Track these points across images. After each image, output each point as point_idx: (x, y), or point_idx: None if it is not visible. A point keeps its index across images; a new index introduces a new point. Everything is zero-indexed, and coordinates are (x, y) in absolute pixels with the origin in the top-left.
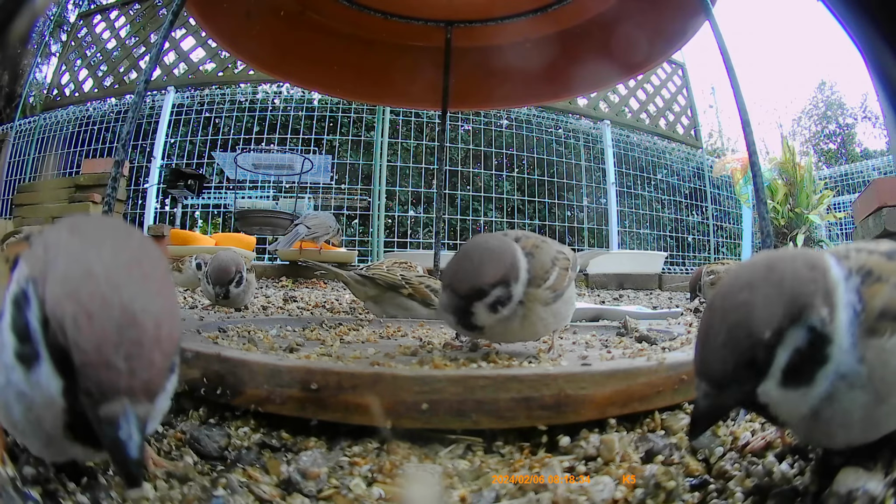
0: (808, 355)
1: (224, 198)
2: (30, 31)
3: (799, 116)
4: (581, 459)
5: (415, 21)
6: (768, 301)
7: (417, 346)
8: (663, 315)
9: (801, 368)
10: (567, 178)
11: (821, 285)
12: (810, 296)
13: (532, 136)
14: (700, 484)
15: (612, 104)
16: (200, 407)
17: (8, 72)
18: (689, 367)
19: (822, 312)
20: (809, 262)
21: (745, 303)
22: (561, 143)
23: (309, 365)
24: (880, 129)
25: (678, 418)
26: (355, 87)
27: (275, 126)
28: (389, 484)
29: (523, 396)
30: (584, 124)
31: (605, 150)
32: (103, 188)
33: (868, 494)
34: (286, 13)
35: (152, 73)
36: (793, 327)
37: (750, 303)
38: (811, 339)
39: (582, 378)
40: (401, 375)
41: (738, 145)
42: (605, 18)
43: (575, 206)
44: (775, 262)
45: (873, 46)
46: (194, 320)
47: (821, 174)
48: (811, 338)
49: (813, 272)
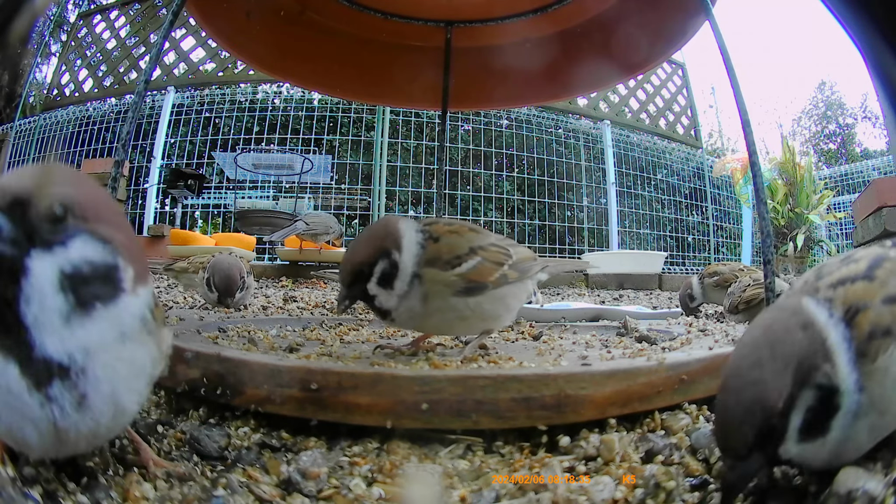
0: (820, 410)
1: (224, 198)
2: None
3: (799, 116)
4: (581, 459)
5: (415, 21)
6: (776, 374)
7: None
8: (663, 315)
9: (816, 423)
10: (567, 178)
11: (818, 343)
12: (812, 358)
13: (532, 136)
14: (700, 484)
15: (612, 104)
16: (200, 407)
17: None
18: (689, 367)
19: (826, 368)
20: (802, 321)
21: (755, 381)
22: (561, 143)
23: (309, 365)
24: (880, 129)
25: (678, 418)
26: (355, 87)
27: (275, 126)
28: (389, 484)
29: (523, 396)
30: (584, 124)
31: (605, 150)
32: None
33: (868, 495)
34: (286, 13)
35: (152, 73)
36: (803, 391)
37: (760, 380)
38: (820, 396)
39: (582, 378)
40: (401, 375)
41: (738, 145)
42: (605, 18)
43: (575, 206)
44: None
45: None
46: (194, 320)
47: (821, 174)
48: (820, 395)
49: (807, 331)
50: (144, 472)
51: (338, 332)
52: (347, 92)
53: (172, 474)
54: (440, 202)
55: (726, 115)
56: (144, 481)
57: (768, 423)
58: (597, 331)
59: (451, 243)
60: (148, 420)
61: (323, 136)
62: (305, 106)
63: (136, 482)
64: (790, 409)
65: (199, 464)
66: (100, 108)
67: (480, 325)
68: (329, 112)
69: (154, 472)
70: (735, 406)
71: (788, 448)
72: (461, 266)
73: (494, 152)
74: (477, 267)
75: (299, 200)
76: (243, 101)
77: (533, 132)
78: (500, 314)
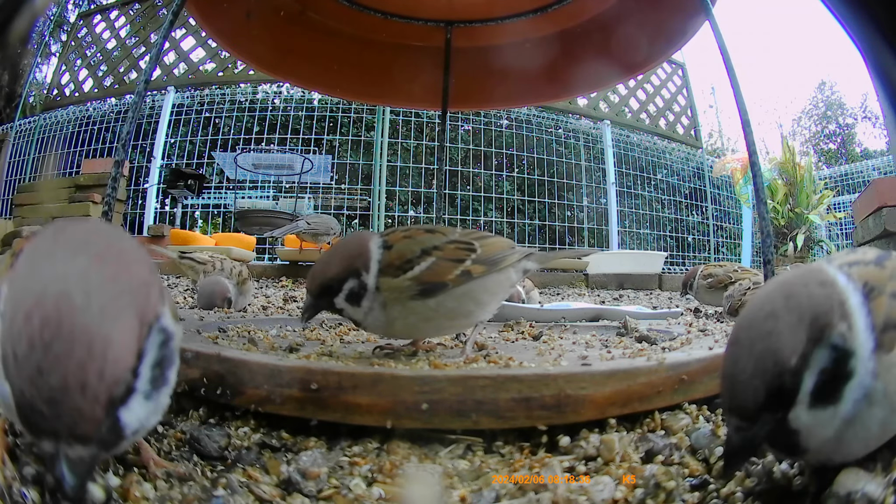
0: (833, 373)
1: (224, 198)
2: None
3: (799, 116)
4: (581, 459)
5: (415, 21)
6: (791, 328)
7: (418, 346)
8: (663, 315)
9: (828, 387)
10: (567, 178)
11: (836, 300)
12: (829, 314)
13: (532, 136)
14: (700, 484)
15: (612, 104)
16: (200, 407)
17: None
18: (689, 367)
19: (842, 328)
20: (820, 279)
21: (768, 332)
22: (561, 143)
23: (309, 365)
24: (880, 129)
25: (678, 418)
26: (355, 86)
27: (275, 126)
28: (389, 484)
29: (523, 396)
30: (584, 124)
31: (605, 150)
32: (103, 188)
33: (867, 496)
34: (286, 13)
35: (152, 73)
36: (817, 349)
37: (773, 332)
38: (835, 357)
39: (582, 378)
40: (401, 375)
41: (738, 145)
42: (605, 18)
43: (575, 206)
44: (790, 287)
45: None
46: (194, 320)
47: (821, 174)
48: (835, 356)
49: (825, 289)
50: (144, 472)
51: (338, 332)
52: (347, 92)
53: (172, 474)
54: (440, 202)
55: (726, 115)
56: (144, 481)
57: (780, 379)
58: (597, 331)
59: (401, 249)
60: None
61: (323, 136)
62: (305, 106)
63: (136, 482)
64: (803, 368)
65: (199, 464)
66: (100, 108)
67: (451, 324)
68: (329, 112)
69: (154, 472)
70: (746, 359)
71: (798, 414)
72: (413, 269)
73: (494, 152)
74: (431, 268)
75: (299, 200)
76: (243, 101)
77: (533, 132)
78: (470, 310)
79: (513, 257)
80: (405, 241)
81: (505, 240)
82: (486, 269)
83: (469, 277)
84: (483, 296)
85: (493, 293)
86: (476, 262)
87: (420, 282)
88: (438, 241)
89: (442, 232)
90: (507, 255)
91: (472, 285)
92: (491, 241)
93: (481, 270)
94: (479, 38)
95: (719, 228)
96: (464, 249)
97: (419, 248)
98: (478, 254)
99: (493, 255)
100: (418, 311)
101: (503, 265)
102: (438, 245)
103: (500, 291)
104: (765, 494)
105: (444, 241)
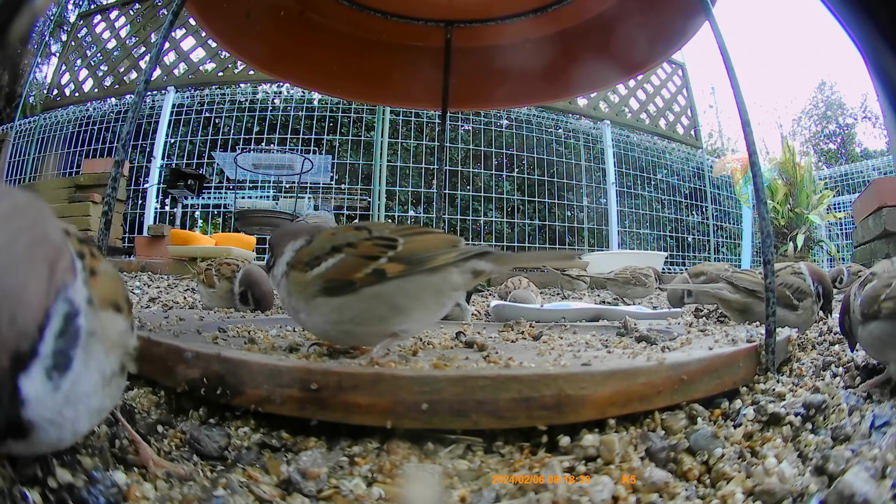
0: None
1: (224, 198)
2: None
3: (799, 116)
4: (581, 459)
5: (415, 21)
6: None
7: (418, 346)
8: (663, 315)
9: None
10: (567, 178)
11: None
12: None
13: (532, 136)
14: None
15: (612, 104)
16: (200, 407)
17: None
18: (689, 367)
19: None
20: None
21: None
22: (561, 143)
23: (309, 365)
24: (880, 129)
25: (678, 418)
26: (355, 87)
27: (275, 126)
28: (389, 484)
29: (523, 396)
30: (584, 124)
31: (605, 150)
32: (103, 188)
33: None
34: (286, 13)
35: (152, 73)
36: None
37: None
38: None
39: (582, 378)
40: (401, 375)
41: (738, 145)
42: (605, 18)
43: (575, 206)
44: None
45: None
46: (194, 320)
47: (821, 174)
48: None
49: None
50: (144, 472)
51: None
52: (347, 92)
53: (172, 474)
54: (440, 202)
55: (726, 115)
56: (144, 481)
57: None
58: (597, 331)
59: (315, 245)
60: (148, 420)
61: (323, 136)
62: (305, 106)
63: (136, 482)
64: None
65: (199, 464)
66: (100, 108)
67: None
68: (329, 112)
69: (154, 472)
70: None
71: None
72: (319, 266)
73: (494, 152)
74: (337, 265)
75: (299, 200)
76: (243, 101)
77: (533, 132)
78: (383, 315)
79: (449, 255)
80: (326, 238)
81: (445, 236)
82: (406, 268)
83: (382, 277)
84: (402, 299)
85: (416, 297)
86: (394, 259)
87: (324, 279)
88: (357, 237)
89: (370, 229)
90: (438, 253)
91: (388, 287)
92: (420, 238)
93: (398, 270)
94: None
95: (719, 228)
96: (381, 246)
97: (330, 245)
98: (397, 251)
99: (419, 252)
100: (323, 312)
101: (433, 264)
102: (353, 242)
103: (431, 296)
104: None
105: (362, 237)
